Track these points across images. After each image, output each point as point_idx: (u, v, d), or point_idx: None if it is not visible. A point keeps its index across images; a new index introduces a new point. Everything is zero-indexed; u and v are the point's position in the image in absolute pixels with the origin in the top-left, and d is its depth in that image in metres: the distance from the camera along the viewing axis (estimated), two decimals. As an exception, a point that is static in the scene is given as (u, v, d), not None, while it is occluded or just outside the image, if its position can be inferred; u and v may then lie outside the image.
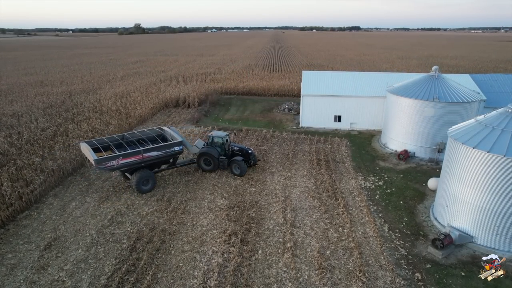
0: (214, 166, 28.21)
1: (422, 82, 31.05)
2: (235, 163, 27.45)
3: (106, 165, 23.25)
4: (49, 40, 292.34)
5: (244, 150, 28.53)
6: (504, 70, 78.73)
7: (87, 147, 24.06)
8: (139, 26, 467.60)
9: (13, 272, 17.44)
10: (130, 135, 27.48)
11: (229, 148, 28.52)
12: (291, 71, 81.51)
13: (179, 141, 26.32)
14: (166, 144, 25.93)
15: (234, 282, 16.58)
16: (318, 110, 40.21)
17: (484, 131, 18.49)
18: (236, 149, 28.62)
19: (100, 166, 23.17)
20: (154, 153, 25.12)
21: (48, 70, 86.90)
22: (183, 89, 57.12)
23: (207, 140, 29.08)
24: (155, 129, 28.99)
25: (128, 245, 19.35)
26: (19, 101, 50.20)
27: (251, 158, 28.38)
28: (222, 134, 28.78)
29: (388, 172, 28.87)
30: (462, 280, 16.78)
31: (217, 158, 27.97)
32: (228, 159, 28.23)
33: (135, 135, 27.40)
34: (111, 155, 23.61)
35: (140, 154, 24.46)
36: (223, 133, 29.35)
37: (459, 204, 19.19)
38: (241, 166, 27.34)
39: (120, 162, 23.65)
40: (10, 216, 21.92)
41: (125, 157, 23.85)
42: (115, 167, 23.89)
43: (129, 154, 24.05)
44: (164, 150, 25.70)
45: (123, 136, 26.88)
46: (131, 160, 24.23)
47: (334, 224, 21.28)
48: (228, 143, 28.51)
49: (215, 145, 28.47)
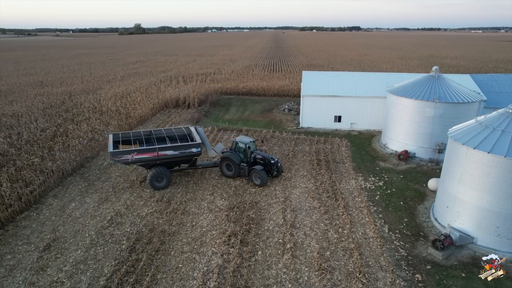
0: (235, 172, 26.94)
1: (422, 82, 30.99)
2: (255, 173, 25.81)
3: (120, 158, 24.24)
4: (49, 40, 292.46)
5: (267, 159, 26.44)
6: (504, 70, 78.66)
7: (110, 138, 25.68)
8: (139, 26, 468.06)
9: (12, 273, 17.38)
10: (158, 131, 28.28)
11: (250, 156, 26.86)
12: (291, 71, 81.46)
13: (197, 142, 25.80)
14: (183, 144, 25.74)
15: (234, 283, 16.52)
16: (318, 110, 40.16)
17: (484, 132, 18.42)
18: (259, 157, 26.70)
19: (114, 159, 24.30)
20: (170, 152, 25.10)
21: (48, 70, 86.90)
22: (183, 90, 57.07)
23: (232, 144, 27.99)
24: (183, 128, 28.88)
25: (127, 246, 19.30)
26: (19, 102, 50.18)
27: (274, 168, 26.41)
28: (246, 140, 27.13)
29: (388, 172, 28.81)
30: (462, 281, 16.71)
31: (238, 164, 26.59)
32: (249, 167, 26.47)
33: (162, 132, 28.18)
34: (126, 149, 24.53)
35: (155, 152, 24.75)
36: (247, 139, 27.48)
37: (460, 205, 19.13)
38: (261, 176, 25.53)
39: (134, 157, 24.38)
40: (9, 217, 21.87)
41: (140, 152, 24.54)
42: (130, 161, 24.56)
43: (144, 150, 24.69)
44: (181, 150, 25.45)
45: (150, 132, 27.89)
46: (146, 156, 24.73)
47: (334, 225, 21.22)
48: (250, 150, 26.81)
49: (238, 151, 27.15)
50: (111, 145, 24.91)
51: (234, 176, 27.03)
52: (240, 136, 29.11)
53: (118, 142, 26.16)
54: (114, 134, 26.95)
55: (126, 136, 27.27)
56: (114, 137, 26.28)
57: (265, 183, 25.78)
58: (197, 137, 26.45)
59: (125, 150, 24.59)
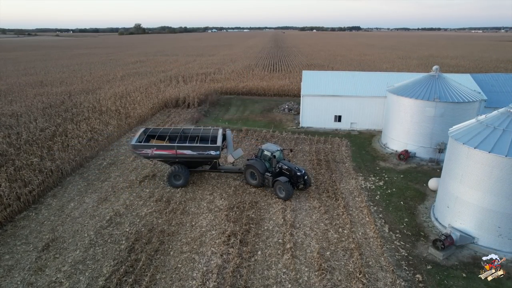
0: (259, 182, 25.27)
1: (422, 82, 30.89)
2: (279, 184, 23.87)
3: (141, 152, 25.38)
4: (50, 40, 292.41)
5: (293, 170, 24.16)
6: (504, 70, 78.56)
7: (139, 132, 26.89)
8: (139, 26, 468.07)
9: (10, 274, 17.29)
10: (187, 130, 28.54)
11: (276, 165, 24.99)
12: (291, 71, 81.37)
13: (216, 145, 25.08)
14: (201, 145, 25.37)
15: (233, 284, 16.43)
16: (318, 110, 40.07)
17: (485, 131, 18.33)
18: (285, 167, 24.59)
19: (136, 151, 25.68)
20: (188, 151, 25.01)
21: (48, 70, 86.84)
22: (183, 89, 57.00)
23: (257, 152, 26.38)
24: (213, 130, 28.21)
25: (126, 246, 19.21)
26: (19, 101, 50.10)
27: (300, 181, 24.17)
28: (273, 148, 25.44)
29: (389, 172, 28.71)
30: (463, 281, 16.62)
31: (263, 173, 24.93)
32: (274, 177, 24.62)
33: (193, 131, 28.30)
34: (147, 144, 25.51)
35: (173, 149, 25.01)
36: (274, 147, 25.76)
37: (460, 205, 19.03)
38: (285, 189, 23.50)
39: (154, 152, 25.12)
40: (8, 216, 21.77)
41: (159, 148, 25.19)
42: (149, 156, 25.46)
43: (163, 147, 25.33)
44: (199, 151, 25.08)
45: (182, 130, 28.24)
46: (165, 153, 25.28)
47: (334, 224, 21.13)
48: (275, 159, 24.87)
49: (263, 159, 25.47)
50: (135, 138, 26.05)
51: (258, 186, 25.53)
52: (267, 143, 27.42)
53: (151, 136, 27.30)
54: (146, 129, 28.02)
55: (157, 132, 27.99)
56: (145, 131, 27.52)
57: (289, 196, 23.75)
58: (219, 140, 25.72)
59: (145, 144, 25.50)
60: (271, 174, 24.79)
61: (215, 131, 27.77)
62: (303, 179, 24.18)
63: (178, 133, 28.04)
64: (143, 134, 27.15)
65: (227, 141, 27.07)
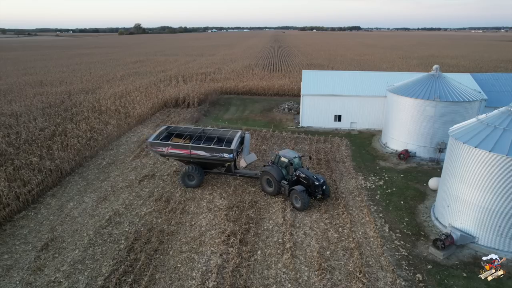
0: (275, 190, 23.98)
1: (423, 81, 30.82)
2: (295, 193, 22.43)
3: (157, 149, 25.57)
4: (50, 40, 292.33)
5: (311, 179, 22.60)
6: (505, 70, 78.50)
7: (159, 130, 27.41)
8: (139, 26, 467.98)
9: (9, 273, 17.24)
10: (208, 131, 28.35)
11: (293, 173, 23.60)
12: (291, 70, 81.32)
13: (229, 148, 24.14)
14: (214, 147, 24.65)
15: (233, 283, 16.37)
16: (318, 109, 40.02)
17: (485, 131, 18.26)
18: (303, 176, 23.07)
19: (152, 148, 25.89)
20: (201, 152, 24.69)
21: (48, 70, 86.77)
22: (183, 89, 56.91)
23: (274, 158, 24.96)
24: (233, 132, 27.47)
25: (126, 246, 19.15)
26: (18, 101, 50.02)
27: (318, 191, 22.67)
28: (290, 155, 23.96)
29: (389, 172, 28.65)
30: (463, 281, 16.56)
31: (279, 181, 23.60)
32: (290, 185, 23.16)
33: (212, 132, 28.14)
34: (162, 142, 25.58)
35: (187, 149, 24.87)
36: (292, 153, 24.27)
37: (461, 204, 18.97)
38: (301, 198, 22.05)
39: (169, 150, 25.21)
40: (7, 216, 21.72)
41: (174, 147, 25.19)
42: (165, 154, 25.60)
43: (177, 146, 25.28)
44: (212, 153, 24.49)
45: (203, 130, 28.17)
46: (179, 152, 25.22)
47: (334, 224, 21.06)
48: (292, 166, 23.52)
49: (280, 166, 24.13)
50: (153, 135, 26.44)
51: (273, 194, 24.24)
52: (285, 149, 25.88)
53: (172, 135, 27.48)
54: (168, 127, 28.49)
55: (177, 130, 28.23)
56: (167, 129, 27.99)
57: (306, 207, 22.27)
58: (234, 143, 24.69)
59: (161, 142, 25.63)
60: (288, 182, 23.40)
61: (233, 133, 26.96)
62: (322, 189, 22.72)
63: (198, 133, 27.77)
64: (164, 132, 27.46)
65: (244, 145, 26.19)
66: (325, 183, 23.01)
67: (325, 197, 23.30)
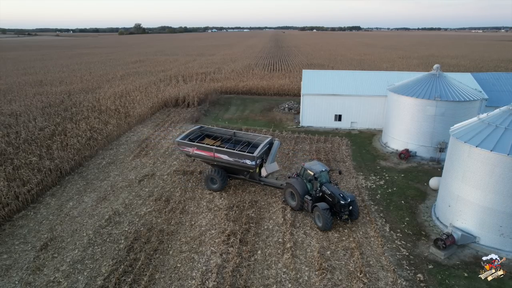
0: (297, 204, 21.94)
1: (423, 80, 30.73)
2: (317, 211, 20.35)
3: (184, 149, 25.57)
4: (50, 40, 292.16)
5: (336, 197, 20.23)
6: (505, 70, 78.34)
7: (189, 130, 27.67)
8: (139, 26, 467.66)
9: (8, 273, 17.16)
10: (239, 134, 27.86)
11: (318, 188, 21.40)
12: (291, 70, 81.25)
13: (252, 155, 22.87)
14: (237, 152, 23.73)
15: (233, 283, 16.29)
16: (319, 109, 39.94)
17: (487, 130, 18.18)
18: (328, 192, 20.81)
19: (179, 148, 26.00)
20: (224, 156, 23.88)
21: (48, 69, 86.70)
22: (183, 89, 56.84)
23: (300, 170, 22.97)
24: (262, 137, 26.14)
25: (125, 246, 19.08)
26: (18, 101, 49.96)
27: (344, 211, 20.14)
28: (317, 168, 21.57)
29: (389, 171, 28.57)
30: (465, 281, 16.48)
31: (302, 195, 21.54)
32: (314, 201, 21.07)
33: (242, 135, 27.62)
34: (188, 142, 25.44)
35: (211, 152, 24.37)
36: (320, 166, 21.86)
37: (462, 204, 18.88)
38: (323, 217, 19.78)
39: (194, 151, 25.03)
40: (6, 216, 21.67)
41: (199, 149, 24.92)
42: (190, 154, 25.54)
43: (202, 147, 24.89)
44: (235, 158, 23.53)
45: (234, 133, 27.86)
46: (204, 154, 24.86)
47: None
48: (317, 181, 21.23)
49: (305, 179, 22.00)
50: (183, 134, 26.71)
51: (296, 209, 22.15)
52: (313, 161, 23.65)
53: (205, 135, 27.59)
54: (201, 126, 28.81)
55: (211, 131, 28.26)
56: (202, 130, 28.29)
57: (328, 228, 20.00)
58: (258, 150, 23.33)
59: (188, 142, 25.46)
60: (312, 197, 21.31)
61: (262, 139, 25.55)
62: (348, 209, 20.31)
63: (229, 135, 27.40)
64: (196, 131, 27.49)
65: (270, 152, 24.47)
66: (353, 202, 20.45)
67: (352, 218, 20.81)
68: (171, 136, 37.17)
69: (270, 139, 25.27)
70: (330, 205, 20.48)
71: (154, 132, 38.82)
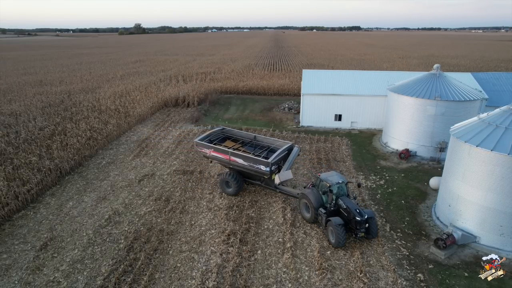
0: (311, 217, 20.49)
1: (423, 80, 30.71)
2: (330, 226, 18.83)
3: (201, 150, 25.32)
4: (50, 40, 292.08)
5: (352, 212, 18.50)
6: (505, 69, 78.34)
7: (209, 131, 27.79)
8: (140, 26, 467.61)
9: (8, 273, 17.13)
10: (260, 138, 27.06)
11: (331, 201, 19.72)
12: (291, 70, 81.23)
13: (266, 161, 21.92)
14: (251, 157, 22.93)
15: (233, 283, 16.27)
16: (319, 109, 39.91)
17: (487, 129, 18.16)
18: (343, 207, 19.11)
19: (198, 148, 25.75)
20: (239, 160, 23.11)
21: (48, 69, 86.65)
22: (183, 89, 56.83)
23: (315, 180, 21.60)
24: (282, 142, 25.37)
25: (125, 245, 19.05)
26: (18, 100, 49.93)
27: (360, 228, 18.35)
28: (333, 179, 19.86)
29: (389, 171, 28.55)
30: (465, 280, 16.46)
31: (316, 208, 20.07)
32: (328, 215, 19.42)
33: (262, 139, 26.78)
34: (206, 144, 25.10)
35: (227, 155, 23.66)
36: (337, 178, 20.14)
37: (462, 204, 18.86)
38: (336, 234, 18.25)
39: (211, 153, 24.70)
40: (5, 215, 21.64)
41: (216, 151, 24.52)
42: (207, 156, 25.22)
43: (218, 150, 24.46)
44: (250, 163, 22.65)
45: (255, 137, 27.16)
46: (220, 156, 24.35)
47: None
48: (332, 194, 19.57)
49: (321, 190, 20.30)
50: (202, 135, 26.72)
51: (310, 222, 20.80)
52: (331, 171, 21.96)
53: (227, 138, 27.37)
54: (223, 128, 28.71)
55: (232, 133, 27.97)
56: (221, 130, 28.12)
57: (341, 245, 18.47)
58: (274, 156, 22.39)
59: (206, 144, 25.12)
60: (326, 211, 19.68)
61: (281, 145, 24.72)
62: (364, 227, 18.52)
63: (250, 139, 26.90)
64: (218, 133, 27.28)
65: (288, 159, 23.38)
66: (371, 219, 18.72)
67: (369, 237, 19.05)
68: (171, 136, 37.16)
69: (290, 145, 24.24)
70: (345, 221, 18.86)
71: (154, 132, 38.80)
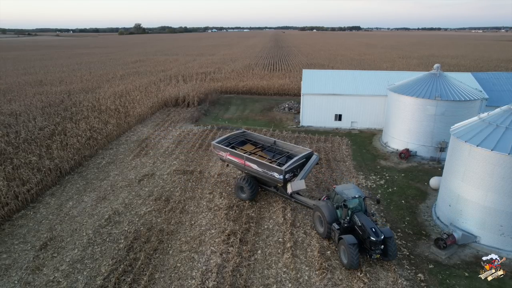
0: (324, 231, 18.99)
1: (423, 80, 30.69)
2: (342, 245, 17.13)
3: (218, 153, 25.08)
4: (50, 40, 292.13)
5: (367, 231, 16.79)
6: (505, 69, 78.30)
7: (233, 132, 27.98)
8: (140, 26, 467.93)
9: (8, 273, 17.11)
10: (279, 143, 26.37)
11: (346, 217, 17.88)
12: (291, 70, 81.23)
13: (279, 168, 20.92)
14: (265, 163, 22.10)
15: (233, 283, 16.25)
16: (319, 109, 39.90)
17: (487, 129, 18.14)
18: (358, 224, 17.42)
19: (215, 151, 25.50)
20: (254, 165, 22.43)
21: (48, 69, 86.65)
22: (183, 88, 56.80)
23: (330, 193, 20.04)
24: (301, 149, 24.38)
25: (125, 245, 19.03)
26: (18, 100, 49.92)
27: (375, 249, 16.61)
28: (349, 193, 18.24)
29: (390, 171, 28.53)
30: (465, 280, 16.44)
31: (329, 222, 18.53)
32: (341, 232, 17.80)
33: (281, 145, 25.95)
34: (223, 147, 24.70)
35: (242, 159, 23.07)
36: (354, 191, 18.45)
37: (462, 203, 18.84)
38: (348, 253, 16.53)
39: (227, 156, 24.29)
40: (5, 215, 21.62)
41: (231, 154, 24.00)
42: (224, 159, 24.80)
43: (234, 153, 23.85)
44: (264, 169, 21.87)
45: (274, 142, 26.44)
46: (235, 160, 23.75)
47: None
48: (347, 209, 17.75)
49: (336, 203, 18.68)
50: (220, 137, 26.62)
51: (323, 236, 19.30)
52: (348, 184, 20.81)
53: (246, 141, 26.92)
54: (243, 131, 28.71)
55: (252, 137, 27.42)
56: (241, 133, 27.90)
57: (354, 266, 16.67)
58: (289, 164, 21.37)
59: (222, 147, 24.70)
60: (340, 227, 18.02)
61: (299, 151, 23.72)
62: (380, 248, 16.74)
63: (270, 144, 26.26)
64: (239, 136, 26.99)
65: (304, 167, 22.19)
66: (389, 240, 16.81)
67: (386, 259, 17.17)
68: (171, 136, 37.15)
69: (309, 153, 23.04)
70: (360, 240, 17.15)
71: (154, 131, 38.78)
